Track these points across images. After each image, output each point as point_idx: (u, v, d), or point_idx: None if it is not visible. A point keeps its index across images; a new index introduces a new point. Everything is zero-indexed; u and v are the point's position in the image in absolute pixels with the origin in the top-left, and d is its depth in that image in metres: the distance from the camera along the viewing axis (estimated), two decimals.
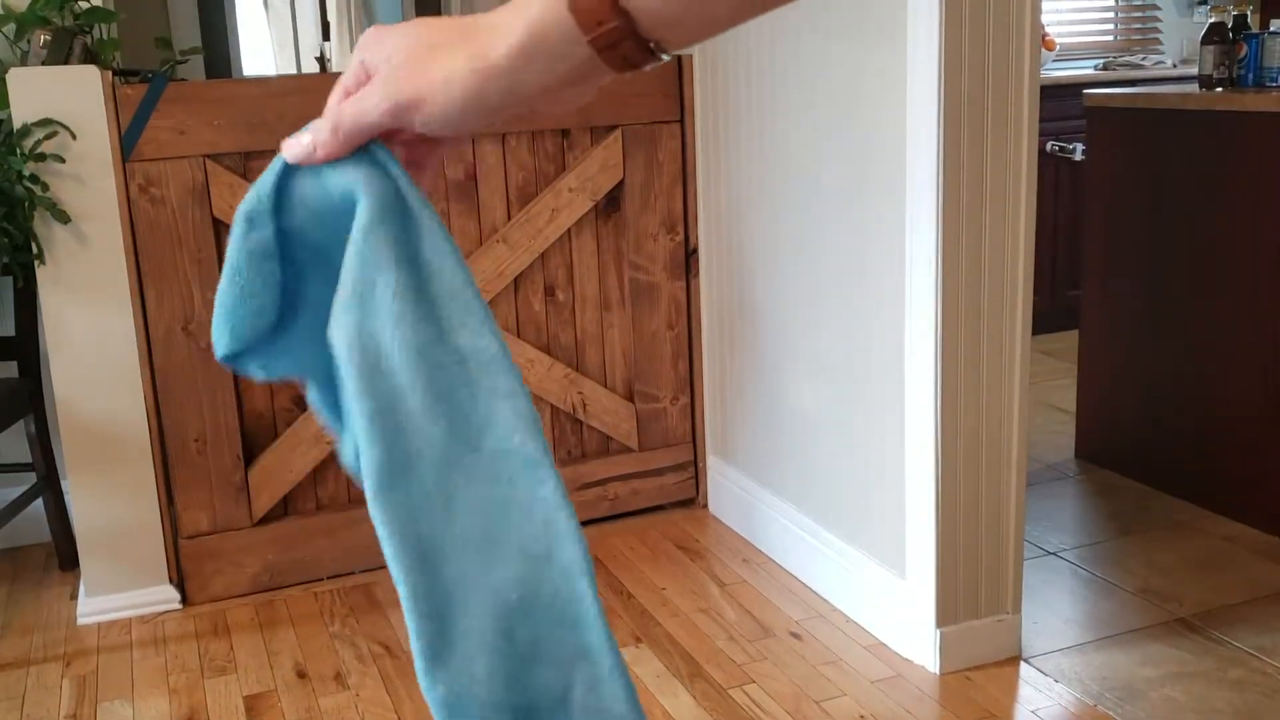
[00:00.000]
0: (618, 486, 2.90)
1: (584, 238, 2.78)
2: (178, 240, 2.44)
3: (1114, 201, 3.03)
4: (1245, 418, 2.72)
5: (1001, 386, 2.10)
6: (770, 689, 2.13)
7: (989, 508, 2.14)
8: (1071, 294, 4.06)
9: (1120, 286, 3.03)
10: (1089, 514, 2.87)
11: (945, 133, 1.96)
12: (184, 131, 2.40)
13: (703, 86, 2.76)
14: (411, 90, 0.56)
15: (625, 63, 0.56)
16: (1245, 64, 2.96)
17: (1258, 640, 2.22)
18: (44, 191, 2.32)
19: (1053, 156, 4.23)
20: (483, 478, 0.54)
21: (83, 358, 2.41)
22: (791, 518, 2.58)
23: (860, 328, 2.26)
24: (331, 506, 2.67)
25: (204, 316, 2.48)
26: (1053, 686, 2.10)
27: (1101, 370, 3.13)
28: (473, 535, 0.54)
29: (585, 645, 0.54)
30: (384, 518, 0.54)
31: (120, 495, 2.48)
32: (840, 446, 2.38)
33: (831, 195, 2.31)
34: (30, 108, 2.30)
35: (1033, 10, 1.97)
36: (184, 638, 2.42)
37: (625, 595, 2.51)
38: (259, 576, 2.61)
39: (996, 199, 2.02)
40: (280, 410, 2.61)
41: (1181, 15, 5.15)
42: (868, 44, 2.14)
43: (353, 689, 2.19)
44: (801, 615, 2.40)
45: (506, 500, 0.53)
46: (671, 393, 2.92)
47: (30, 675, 2.30)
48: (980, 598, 2.16)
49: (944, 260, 2.01)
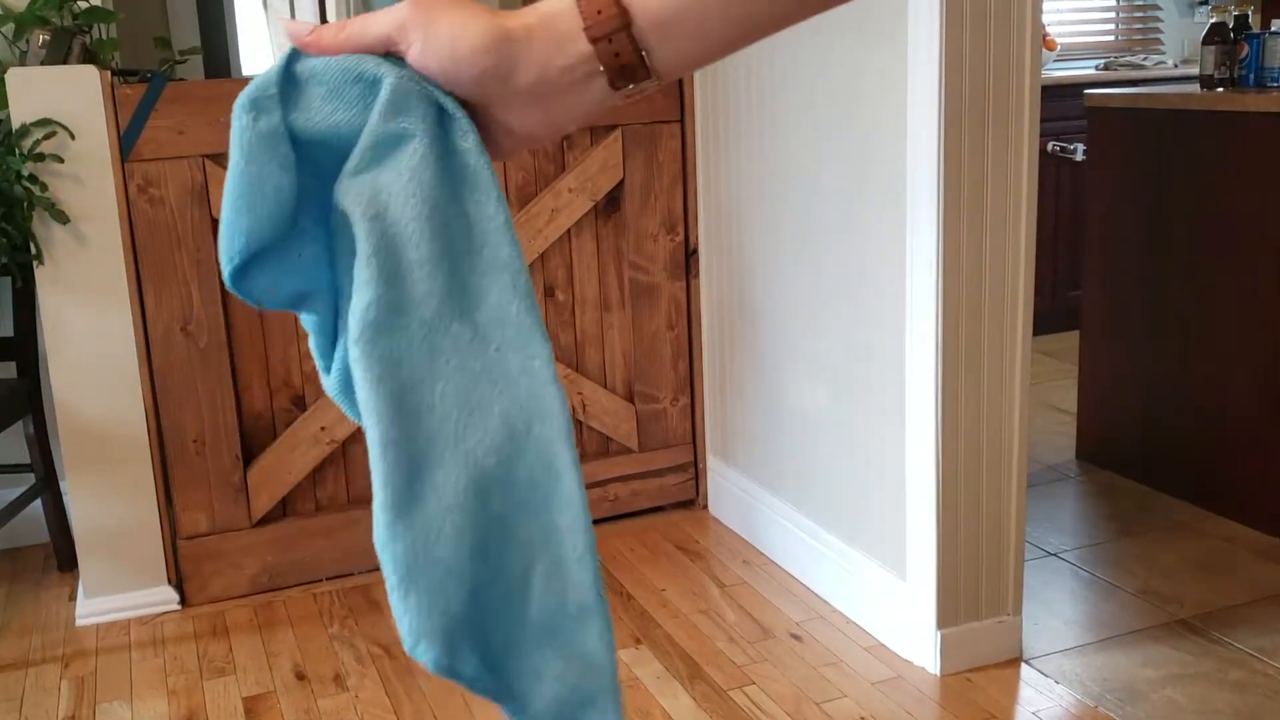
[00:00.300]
0: (618, 487, 2.89)
1: (584, 238, 2.78)
2: (177, 240, 2.44)
3: (1115, 202, 3.02)
4: (1246, 418, 2.71)
5: (1002, 387, 2.10)
6: (770, 690, 2.12)
7: (989, 509, 2.13)
8: (1072, 294, 4.06)
9: (1121, 287, 3.02)
10: (1090, 515, 2.86)
11: (946, 133, 1.96)
12: (183, 131, 2.40)
13: (703, 86, 2.76)
14: (425, 15, 0.56)
15: (617, 62, 0.56)
16: (1246, 64, 2.95)
17: (1258, 641, 2.21)
18: (43, 192, 2.31)
19: (1054, 157, 4.22)
20: (471, 345, 0.52)
21: (81, 358, 2.41)
22: (792, 519, 2.58)
23: (861, 328, 2.26)
24: (331, 507, 2.67)
25: (203, 317, 2.48)
26: (1053, 688, 2.09)
27: (1102, 371, 3.12)
28: (455, 396, 0.51)
29: (555, 525, 0.51)
30: (365, 364, 0.50)
31: (119, 496, 2.48)
32: (841, 447, 2.38)
33: (832, 195, 2.31)
34: (29, 108, 2.30)
35: (1033, 10, 1.97)
36: (183, 639, 2.42)
37: (625, 596, 2.51)
38: (258, 577, 2.60)
39: (997, 199, 2.02)
40: (279, 411, 2.60)
41: (1182, 15, 5.14)
42: (868, 44, 2.13)
43: (352, 690, 2.18)
44: (802, 616, 2.39)
45: (494, 368, 0.51)
46: (671, 393, 2.91)
47: (29, 676, 2.29)
48: (981, 599, 2.16)
49: (944, 261, 2.00)
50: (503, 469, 0.51)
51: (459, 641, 0.50)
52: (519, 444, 0.51)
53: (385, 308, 0.50)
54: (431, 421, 0.50)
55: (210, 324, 2.48)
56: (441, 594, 0.49)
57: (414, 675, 2.22)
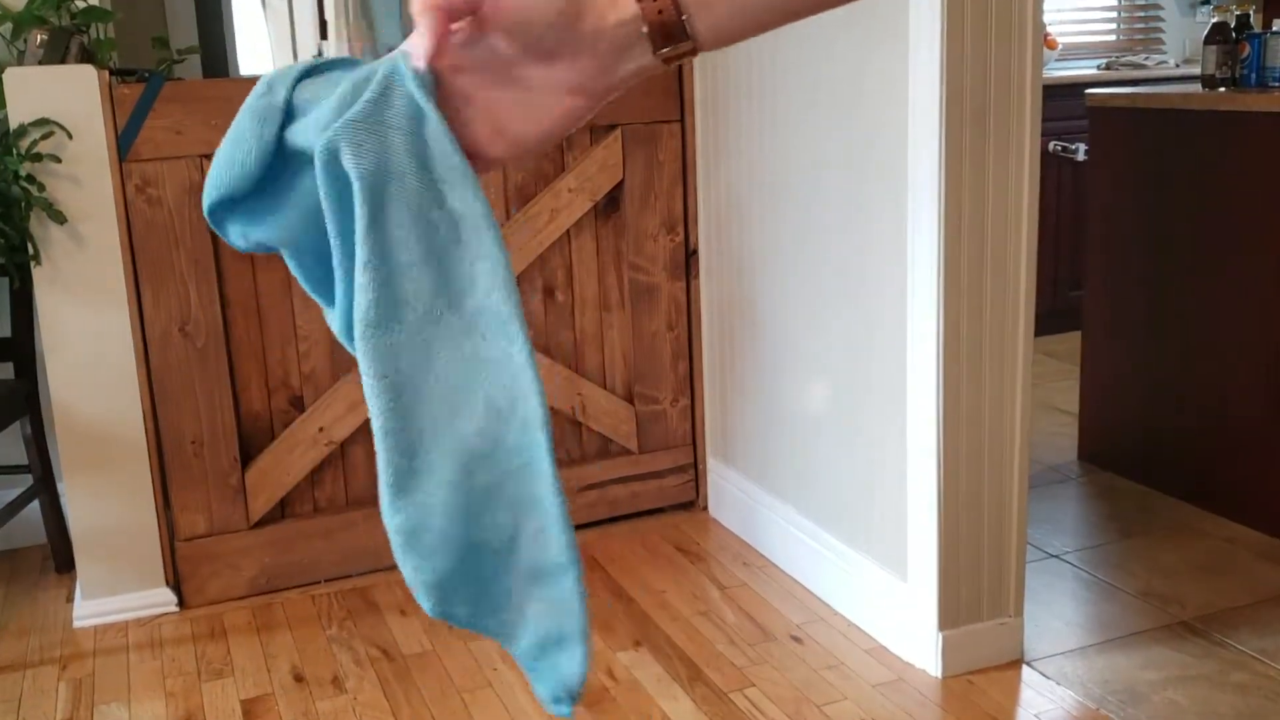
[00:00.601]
0: (617, 489, 2.89)
1: (583, 238, 2.77)
2: (174, 240, 2.43)
3: (1116, 202, 3.01)
4: (1248, 419, 2.71)
5: (1003, 388, 2.09)
6: (771, 693, 2.11)
7: (991, 510, 2.13)
8: (1074, 295, 4.05)
9: (1122, 287, 3.02)
10: (1091, 516, 2.86)
11: (947, 133, 1.95)
12: (181, 131, 2.39)
13: (703, 86, 2.75)
14: None
15: (660, 19, 0.60)
16: (1248, 64, 2.95)
17: (1260, 643, 2.20)
18: (40, 192, 2.31)
19: (1055, 156, 4.21)
20: (461, 332, 0.58)
21: (79, 359, 2.40)
22: (792, 520, 2.57)
23: (862, 329, 2.25)
24: (329, 509, 2.66)
25: (201, 317, 2.47)
26: (1055, 690, 2.08)
27: (1104, 372, 3.11)
28: (446, 384, 0.58)
29: (537, 495, 0.58)
30: (369, 359, 0.58)
31: (117, 497, 2.47)
32: (841, 448, 2.37)
33: (833, 195, 2.30)
34: (27, 107, 2.29)
35: (1035, 10, 1.96)
36: (181, 641, 2.41)
37: (625, 598, 2.50)
38: (256, 579, 2.59)
39: (998, 199, 2.01)
40: (277, 412, 2.59)
41: (1184, 15, 5.14)
42: (869, 43, 2.13)
43: (350, 692, 2.18)
44: (802, 619, 2.39)
45: (478, 355, 0.58)
46: (671, 394, 2.90)
47: (26, 678, 2.29)
48: (982, 601, 2.15)
49: (946, 261, 1.99)
50: (489, 446, 0.58)
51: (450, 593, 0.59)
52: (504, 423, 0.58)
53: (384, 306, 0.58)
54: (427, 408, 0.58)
55: (208, 324, 2.48)
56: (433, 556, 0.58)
57: (413, 676, 2.22)
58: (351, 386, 2.60)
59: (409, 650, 2.32)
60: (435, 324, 0.58)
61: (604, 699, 2.12)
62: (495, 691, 2.16)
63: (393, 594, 2.56)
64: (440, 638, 2.36)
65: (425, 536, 0.58)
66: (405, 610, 2.49)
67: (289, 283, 2.55)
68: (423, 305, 0.58)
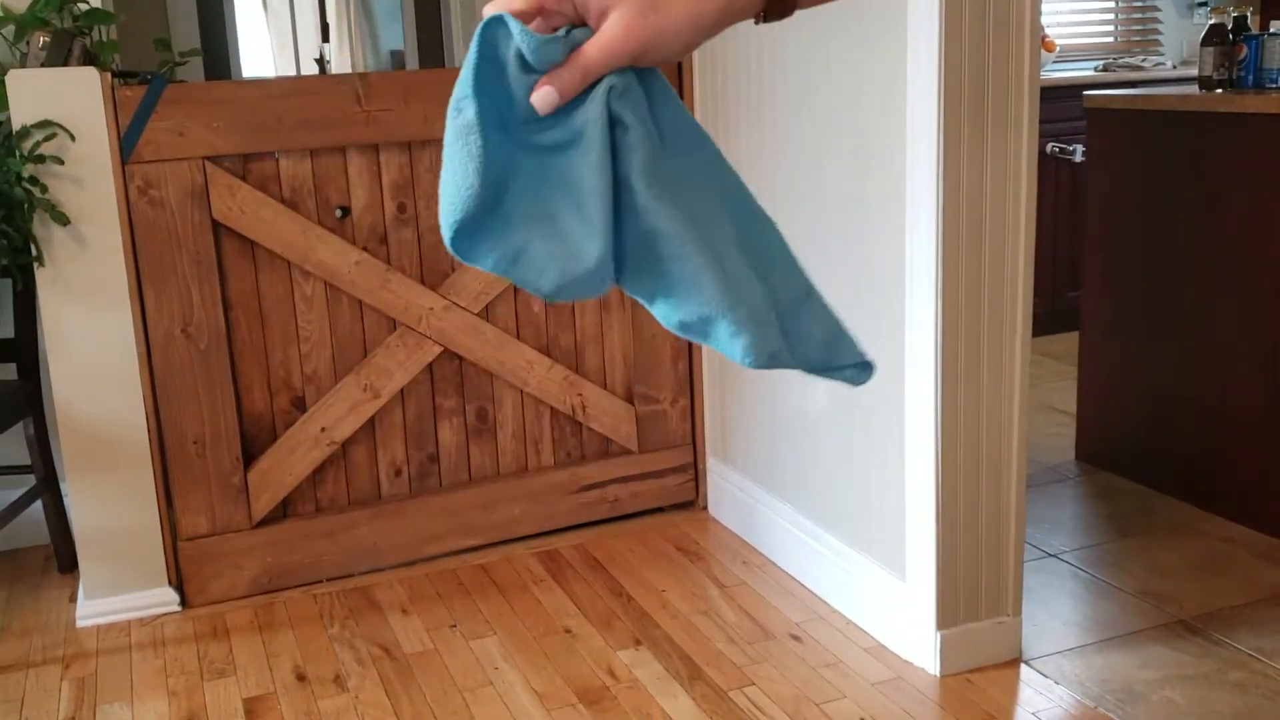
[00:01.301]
0: (617, 489, 2.90)
1: None
2: (177, 242, 2.44)
3: (1114, 203, 3.02)
4: (1246, 419, 2.72)
5: (1002, 388, 2.10)
6: (770, 691, 2.12)
7: (989, 510, 2.14)
8: (1072, 295, 4.06)
9: (1120, 288, 3.03)
10: (1089, 516, 2.87)
11: (945, 134, 1.96)
12: (183, 133, 2.40)
13: (703, 86, 2.76)
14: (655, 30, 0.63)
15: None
16: (1245, 65, 2.96)
17: (1258, 642, 2.21)
18: (43, 193, 2.32)
19: (1053, 158, 4.22)
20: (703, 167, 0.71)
21: (82, 360, 2.41)
22: (791, 520, 2.58)
23: (860, 328, 2.25)
24: (331, 509, 2.67)
25: (203, 318, 2.48)
26: (1053, 689, 2.09)
27: (1102, 372, 3.12)
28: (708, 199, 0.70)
29: (774, 244, 0.71)
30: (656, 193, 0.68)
31: (119, 497, 2.48)
32: (840, 448, 2.38)
33: (831, 196, 2.31)
34: (29, 109, 2.30)
35: (1032, 11, 1.97)
36: (183, 640, 2.42)
37: (625, 597, 2.51)
38: (258, 579, 2.60)
39: (997, 200, 2.02)
40: (279, 412, 2.60)
41: (1181, 16, 5.15)
42: (868, 45, 2.14)
43: (352, 691, 2.19)
44: (801, 617, 2.40)
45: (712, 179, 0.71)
46: (671, 394, 2.91)
47: (29, 678, 2.30)
48: (980, 600, 2.16)
49: (944, 261, 2.00)
50: (744, 225, 0.71)
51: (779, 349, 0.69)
52: (742, 208, 0.72)
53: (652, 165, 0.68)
54: (703, 216, 0.69)
55: (210, 325, 2.49)
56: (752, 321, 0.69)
57: (415, 675, 2.23)
58: (353, 387, 2.61)
59: (410, 649, 2.33)
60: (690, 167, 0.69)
61: (604, 698, 2.13)
62: (496, 690, 2.17)
63: (394, 593, 2.58)
64: (442, 637, 2.37)
65: (743, 306, 0.68)
66: (407, 609, 2.50)
67: (290, 284, 2.56)
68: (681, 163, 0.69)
